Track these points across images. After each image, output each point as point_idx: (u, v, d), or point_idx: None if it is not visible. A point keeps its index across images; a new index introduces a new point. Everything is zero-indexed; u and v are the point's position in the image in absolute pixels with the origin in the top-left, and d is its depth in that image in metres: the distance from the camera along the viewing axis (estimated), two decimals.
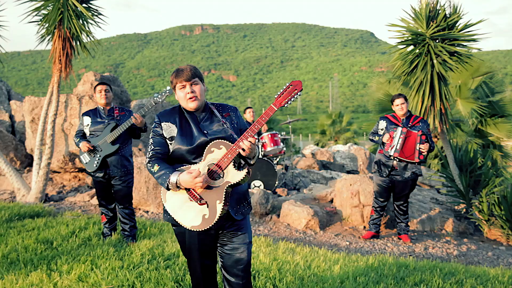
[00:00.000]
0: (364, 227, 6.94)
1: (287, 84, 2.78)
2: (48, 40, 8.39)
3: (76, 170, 9.73)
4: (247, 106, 10.21)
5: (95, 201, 8.19)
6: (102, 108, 5.68)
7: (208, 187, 2.74)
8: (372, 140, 6.48)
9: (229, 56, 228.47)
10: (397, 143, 6.02)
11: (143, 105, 11.31)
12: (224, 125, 2.91)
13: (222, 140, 2.79)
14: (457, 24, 7.17)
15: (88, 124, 5.65)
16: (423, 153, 6.00)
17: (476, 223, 7.29)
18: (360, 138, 34.84)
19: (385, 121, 6.34)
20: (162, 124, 2.93)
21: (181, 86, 2.88)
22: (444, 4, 7.15)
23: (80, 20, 7.98)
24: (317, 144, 28.74)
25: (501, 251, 6.36)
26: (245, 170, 2.75)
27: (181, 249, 3.01)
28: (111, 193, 5.72)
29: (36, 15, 8.15)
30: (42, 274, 4.35)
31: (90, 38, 8.29)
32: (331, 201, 7.67)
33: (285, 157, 10.24)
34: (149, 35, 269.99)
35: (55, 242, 5.47)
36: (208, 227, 2.71)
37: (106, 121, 5.61)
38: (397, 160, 6.09)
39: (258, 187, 8.52)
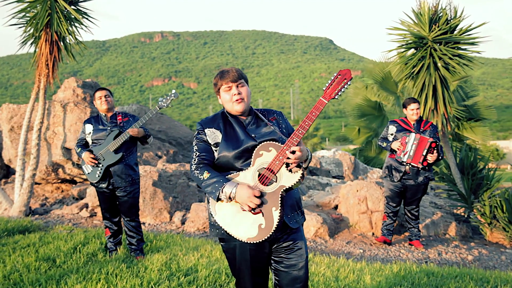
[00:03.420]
0: (373, 233, 6.80)
1: (335, 74, 2.55)
2: (31, 43, 7.89)
3: (59, 181, 9.22)
4: None
5: (84, 213, 7.74)
6: (104, 114, 5.36)
7: (261, 194, 2.49)
8: (380, 146, 6.35)
9: (189, 63, 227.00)
10: (411, 149, 5.89)
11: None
12: (272, 127, 2.69)
13: (271, 142, 2.54)
14: (458, 27, 7.16)
15: (90, 132, 5.31)
16: (428, 161, 5.89)
17: (479, 226, 7.27)
18: (324, 143, 35.06)
19: (394, 126, 6.20)
20: (206, 130, 2.69)
21: (227, 88, 2.65)
22: (445, 8, 7.13)
23: (69, 23, 7.52)
24: None
25: (511, 254, 6.34)
26: (300, 172, 2.49)
27: (230, 267, 2.75)
28: (115, 205, 5.36)
29: (22, 17, 7.60)
30: None
31: (78, 42, 7.83)
32: (335, 207, 7.49)
33: None
34: (107, 42, 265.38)
35: (58, 259, 5.06)
36: (266, 237, 2.45)
37: (109, 128, 5.29)
38: (410, 166, 5.97)
39: None
